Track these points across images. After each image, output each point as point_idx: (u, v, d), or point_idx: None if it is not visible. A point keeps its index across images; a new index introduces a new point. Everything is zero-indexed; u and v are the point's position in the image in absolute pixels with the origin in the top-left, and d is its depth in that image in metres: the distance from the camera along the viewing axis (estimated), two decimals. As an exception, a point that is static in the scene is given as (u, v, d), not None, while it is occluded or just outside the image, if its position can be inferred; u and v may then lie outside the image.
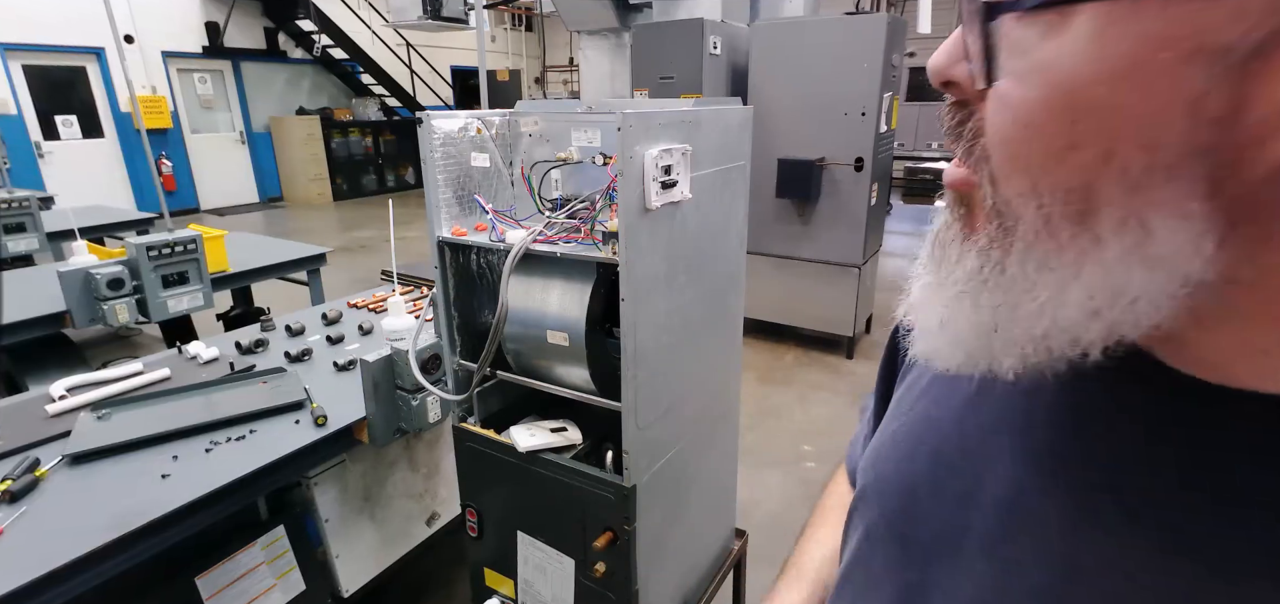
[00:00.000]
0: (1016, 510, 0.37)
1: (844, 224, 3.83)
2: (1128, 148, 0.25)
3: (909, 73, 9.08)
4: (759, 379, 3.81)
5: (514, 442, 1.31)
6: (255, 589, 1.60)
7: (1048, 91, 0.26)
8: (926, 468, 0.44)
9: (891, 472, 0.47)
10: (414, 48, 11.21)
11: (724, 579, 1.75)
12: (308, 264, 3.31)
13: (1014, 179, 0.29)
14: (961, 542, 0.40)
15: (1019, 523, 0.37)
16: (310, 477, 1.66)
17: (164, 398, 1.67)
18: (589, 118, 1.27)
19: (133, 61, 7.92)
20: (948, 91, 0.33)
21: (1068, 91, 0.25)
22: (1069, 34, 0.25)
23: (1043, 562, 0.35)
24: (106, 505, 1.25)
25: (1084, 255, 0.27)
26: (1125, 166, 0.25)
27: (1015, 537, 0.37)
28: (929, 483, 0.43)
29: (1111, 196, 0.26)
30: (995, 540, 0.38)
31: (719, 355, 1.53)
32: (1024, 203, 0.28)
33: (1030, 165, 0.28)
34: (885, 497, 0.47)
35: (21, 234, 3.48)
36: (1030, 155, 0.28)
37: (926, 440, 0.45)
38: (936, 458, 0.43)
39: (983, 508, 0.39)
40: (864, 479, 0.50)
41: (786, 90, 3.76)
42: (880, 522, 0.47)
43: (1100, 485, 0.34)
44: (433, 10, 7.25)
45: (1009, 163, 0.29)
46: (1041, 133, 0.27)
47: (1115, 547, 0.33)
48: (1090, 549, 0.34)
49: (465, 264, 1.35)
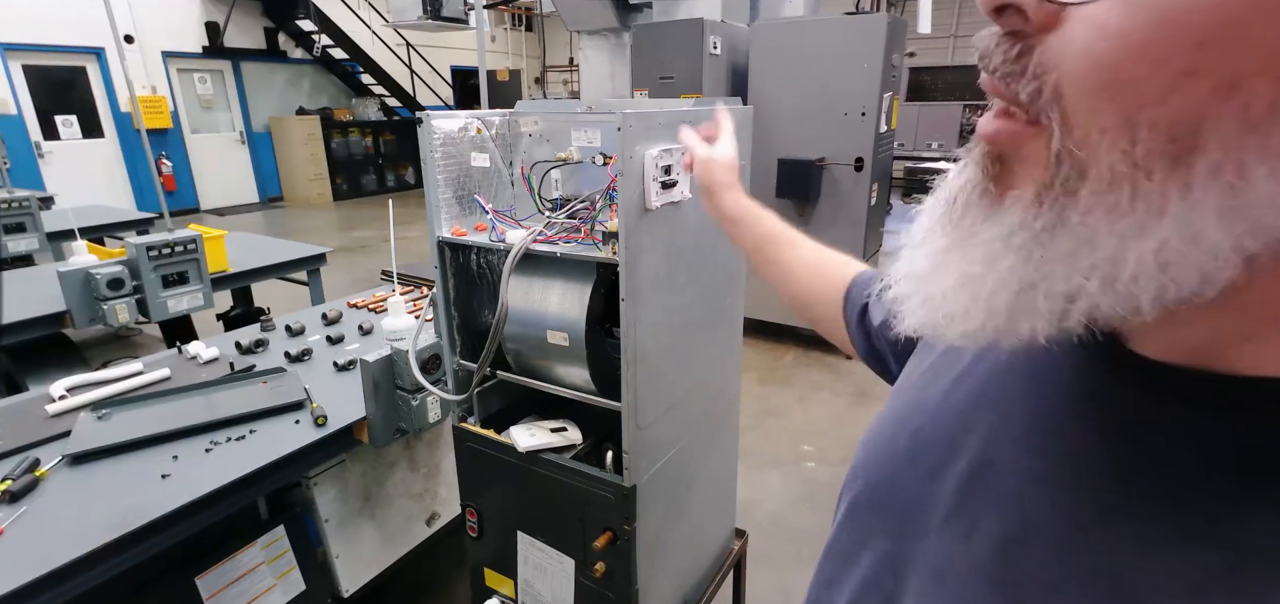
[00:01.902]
0: (980, 479, 0.38)
1: (844, 224, 3.83)
2: (1256, 80, 0.22)
3: (909, 73, 9.09)
4: (759, 379, 3.81)
5: (514, 442, 1.31)
6: (255, 589, 1.60)
7: (1166, 10, 0.23)
8: (906, 446, 0.45)
9: (878, 448, 0.48)
10: (414, 48, 11.21)
11: (724, 579, 1.75)
12: (308, 264, 3.31)
13: (1102, 114, 0.26)
14: (930, 512, 0.41)
15: (982, 489, 0.38)
16: (310, 477, 1.66)
17: (164, 398, 1.67)
18: (589, 118, 1.27)
19: (133, 61, 7.92)
20: (1000, 20, 0.29)
21: (1192, 11, 0.23)
22: None
23: (999, 522, 0.36)
24: (106, 505, 1.25)
25: (1165, 203, 0.25)
26: (1248, 101, 0.23)
27: (977, 503, 0.38)
28: (907, 458, 0.44)
29: (1222, 135, 0.23)
30: (957, 508, 0.39)
31: (719, 355, 1.53)
32: (1111, 142, 0.26)
33: (1129, 95, 0.25)
34: (870, 469, 0.48)
35: (21, 234, 3.48)
36: (1133, 84, 0.25)
37: (911, 420, 0.46)
38: (916, 435, 0.44)
39: (953, 479, 0.40)
40: (855, 456, 0.52)
41: (786, 90, 3.76)
42: (863, 494, 0.48)
43: (1090, 469, 0.34)
44: (433, 10, 7.24)
45: (1097, 96, 0.26)
46: (1153, 59, 0.24)
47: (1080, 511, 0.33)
48: (1047, 507, 0.34)
49: (465, 264, 1.35)
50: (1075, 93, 0.27)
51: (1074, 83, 0.27)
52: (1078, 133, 0.27)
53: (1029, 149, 0.29)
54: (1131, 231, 0.26)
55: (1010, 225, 0.30)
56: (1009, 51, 0.29)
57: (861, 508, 0.48)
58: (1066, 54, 0.27)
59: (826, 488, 2.75)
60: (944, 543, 0.39)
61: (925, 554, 0.40)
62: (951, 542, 0.39)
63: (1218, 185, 0.24)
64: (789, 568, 2.28)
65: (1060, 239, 0.28)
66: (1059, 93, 0.27)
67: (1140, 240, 0.25)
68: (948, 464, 0.41)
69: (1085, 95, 0.26)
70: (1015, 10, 0.28)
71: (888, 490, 0.45)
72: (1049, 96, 0.27)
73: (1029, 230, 0.29)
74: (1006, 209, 0.30)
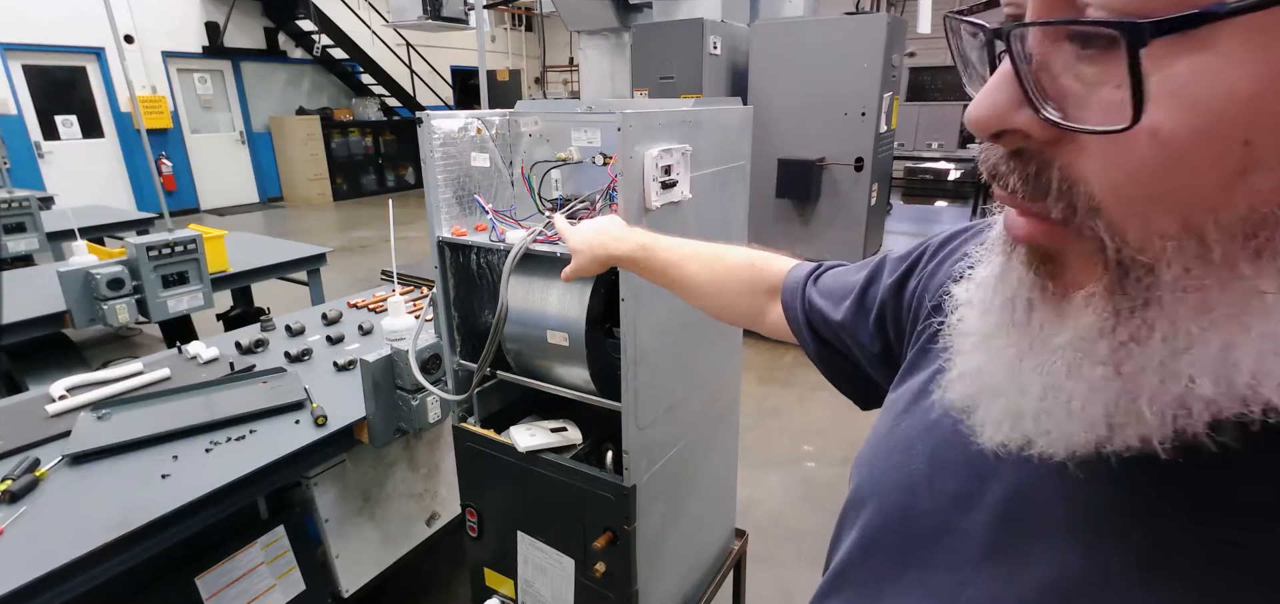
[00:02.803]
0: (1017, 515, 0.36)
1: (844, 224, 3.84)
2: None
3: (909, 73, 9.08)
4: (759, 379, 3.81)
5: (514, 442, 1.31)
6: (255, 589, 1.60)
7: (1202, 118, 0.22)
8: (924, 467, 0.43)
9: (888, 471, 0.46)
10: (414, 48, 11.21)
11: (724, 579, 1.75)
12: (308, 264, 3.31)
13: (1157, 222, 0.25)
14: (963, 547, 0.39)
15: (1019, 526, 0.36)
16: (310, 477, 1.66)
17: (164, 398, 1.67)
18: (589, 118, 1.27)
19: (133, 61, 7.91)
20: (1001, 143, 0.29)
21: (1232, 111, 0.22)
22: (1216, 49, 0.22)
23: (1047, 565, 0.34)
24: (106, 505, 1.25)
25: (1263, 295, 0.23)
26: None
27: (1018, 541, 0.36)
28: (925, 484, 0.42)
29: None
30: (995, 547, 0.37)
31: (719, 355, 1.52)
32: (1179, 246, 0.24)
33: (1186, 203, 0.24)
34: (883, 495, 0.46)
35: (21, 234, 3.48)
36: (1187, 192, 0.24)
37: (922, 440, 0.44)
38: (934, 459, 0.42)
39: (983, 512, 0.38)
40: (858, 477, 0.50)
41: (786, 90, 3.76)
42: (876, 521, 0.46)
43: (1145, 506, 0.31)
44: (433, 10, 7.25)
45: (1146, 205, 0.25)
46: (1199, 166, 0.23)
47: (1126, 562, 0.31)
48: (1102, 551, 0.32)
49: (465, 264, 1.35)
50: (1116, 205, 0.25)
51: (1112, 195, 0.25)
52: (1134, 239, 0.25)
53: (1075, 247, 0.28)
54: (1232, 329, 0.24)
55: (1086, 329, 0.28)
56: (1025, 171, 0.28)
57: (876, 537, 0.46)
58: (1094, 168, 0.26)
59: (827, 488, 2.75)
60: (984, 584, 0.37)
61: (957, 588, 0.38)
62: (993, 584, 0.36)
63: None
64: (789, 568, 2.28)
65: (1151, 346, 0.26)
66: (1096, 207, 0.26)
67: (1244, 337, 0.24)
68: (976, 494, 0.38)
69: (1130, 205, 0.25)
70: (1016, 133, 0.27)
71: (904, 518, 0.43)
72: (1085, 211, 0.26)
73: (1111, 339, 0.27)
74: (1077, 311, 0.28)
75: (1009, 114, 0.27)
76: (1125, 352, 0.27)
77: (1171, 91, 0.23)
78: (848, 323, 0.61)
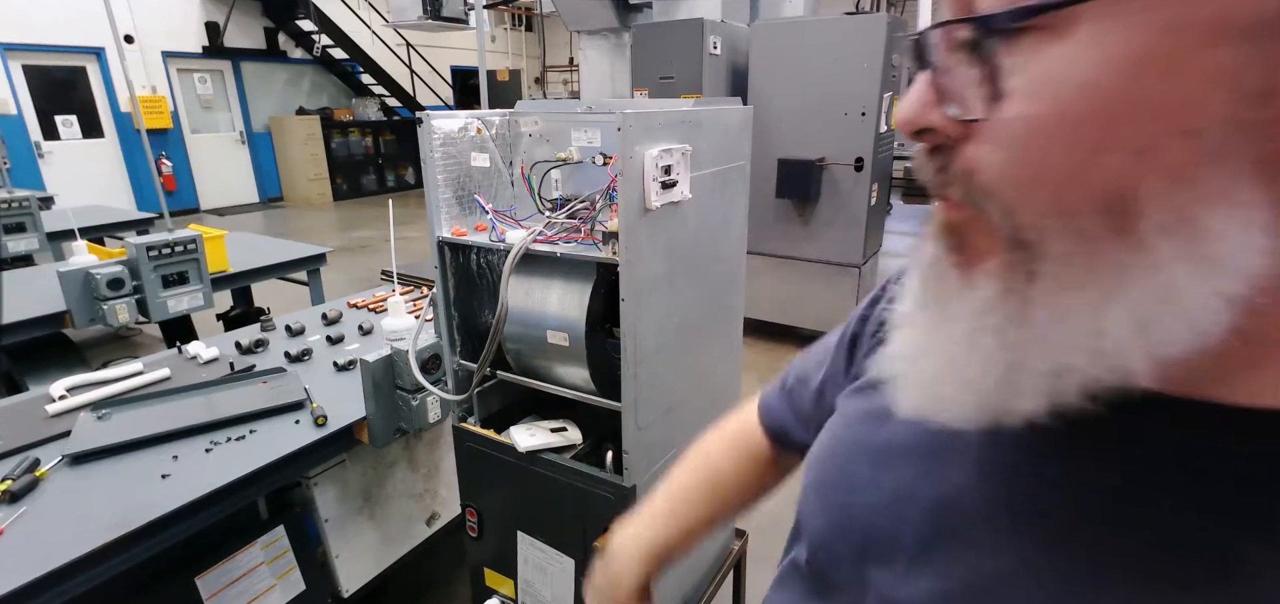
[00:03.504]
0: (953, 510, 0.37)
1: (844, 224, 3.83)
2: (1164, 139, 0.23)
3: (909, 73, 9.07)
4: (759, 379, 3.80)
5: (514, 442, 1.31)
6: (255, 589, 1.60)
7: (1060, 102, 0.25)
8: (866, 468, 0.44)
9: (833, 472, 0.47)
10: (414, 48, 11.21)
11: (724, 579, 1.75)
12: (308, 264, 3.31)
13: (1034, 201, 0.27)
14: (897, 543, 0.40)
15: (956, 523, 0.37)
16: (310, 477, 1.66)
17: (164, 398, 1.67)
18: (589, 118, 1.27)
19: (133, 61, 7.92)
20: (921, 140, 0.32)
21: (1084, 96, 0.24)
22: (1073, 39, 0.24)
23: (978, 562, 0.35)
24: (106, 505, 1.25)
25: (1127, 267, 0.25)
26: (1164, 159, 0.24)
27: (950, 539, 0.37)
28: (868, 480, 0.43)
29: (1154, 195, 0.24)
30: (927, 542, 0.38)
31: (719, 355, 1.52)
32: (1051, 223, 0.27)
33: (1052, 182, 0.26)
34: (827, 493, 0.47)
35: (21, 234, 3.48)
36: (1051, 172, 0.26)
37: (869, 439, 0.45)
38: (876, 456, 0.43)
39: (920, 506, 0.39)
40: (806, 479, 0.50)
41: (786, 90, 3.76)
42: (822, 518, 0.47)
43: (1079, 505, 0.33)
44: (433, 10, 7.25)
45: (1025, 186, 0.27)
46: (1061, 145, 0.25)
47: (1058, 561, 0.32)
48: (1030, 550, 0.33)
49: (465, 264, 1.35)
50: (1002, 189, 0.28)
51: (997, 180, 0.28)
52: (1022, 219, 0.28)
53: (978, 223, 0.30)
54: (1100, 301, 0.26)
55: (983, 301, 0.30)
56: (939, 163, 0.31)
57: (822, 536, 0.46)
58: (983, 158, 0.28)
59: (826, 488, 2.74)
60: (919, 580, 0.38)
61: (900, 590, 0.39)
62: (928, 580, 0.37)
63: (1174, 242, 0.24)
64: (789, 568, 2.27)
65: (1033, 318, 0.28)
66: (988, 191, 0.29)
67: (1111, 308, 0.26)
68: (910, 493, 0.39)
69: (1011, 189, 0.28)
70: (932, 130, 0.31)
71: (848, 515, 0.44)
72: (980, 194, 0.29)
73: (1001, 311, 0.29)
74: (978, 283, 0.31)
75: (924, 114, 0.30)
76: (1010, 323, 0.29)
77: (1034, 79, 0.26)
78: (828, 376, 0.60)
